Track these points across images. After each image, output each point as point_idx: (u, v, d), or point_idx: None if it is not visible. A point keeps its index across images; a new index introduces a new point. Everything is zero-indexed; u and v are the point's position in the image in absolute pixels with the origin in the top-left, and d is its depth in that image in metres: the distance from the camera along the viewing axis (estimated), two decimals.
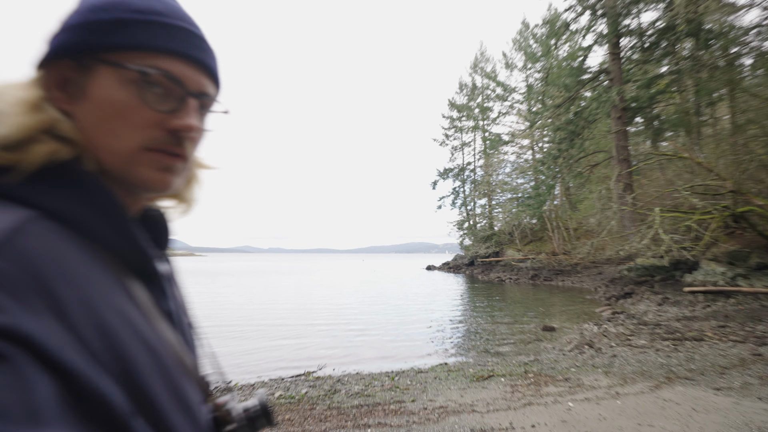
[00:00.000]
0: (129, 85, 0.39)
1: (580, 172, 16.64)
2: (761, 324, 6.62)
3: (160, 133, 0.41)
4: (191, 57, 0.42)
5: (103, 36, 0.40)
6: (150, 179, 0.41)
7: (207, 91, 0.44)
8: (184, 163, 0.43)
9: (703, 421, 2.89)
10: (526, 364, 4.90)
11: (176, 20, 0.42)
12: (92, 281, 0.35)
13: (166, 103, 0.41)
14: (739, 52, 11.25)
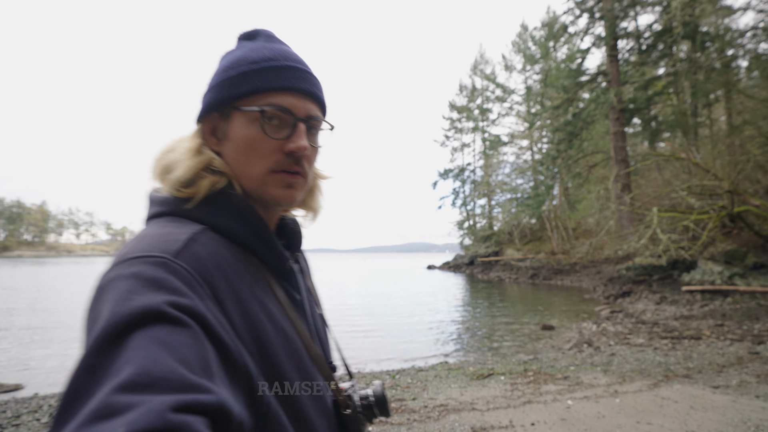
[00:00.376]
0: (254, 122, 0.51)
1: (578, 172, 16.70)
2: (758, 323, 6.67)
3: (281, 156, 0.51)
4: (296, 89, 0.52)
5: (232, 89, 0.52)
6: (278, 196, 0.52)
7: (313, 114, 0.54)
8: (304, 178, 0.54)
9: (700, 419, 2.92)
10: (526, 362, 4.94)
11: (283, 61, 0.53)
12: (241, 278, 0.46)
13: (282, 130, 0.51)
14: (735, 55, 11.33)
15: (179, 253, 0.41)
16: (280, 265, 0.53)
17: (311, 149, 0.54)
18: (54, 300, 12.88)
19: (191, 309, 0.36)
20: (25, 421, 3.41)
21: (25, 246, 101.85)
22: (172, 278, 0.38)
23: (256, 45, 0.55)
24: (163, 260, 0.39)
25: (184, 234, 0.44)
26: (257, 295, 0.47)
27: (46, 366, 5.59)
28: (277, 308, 0.50)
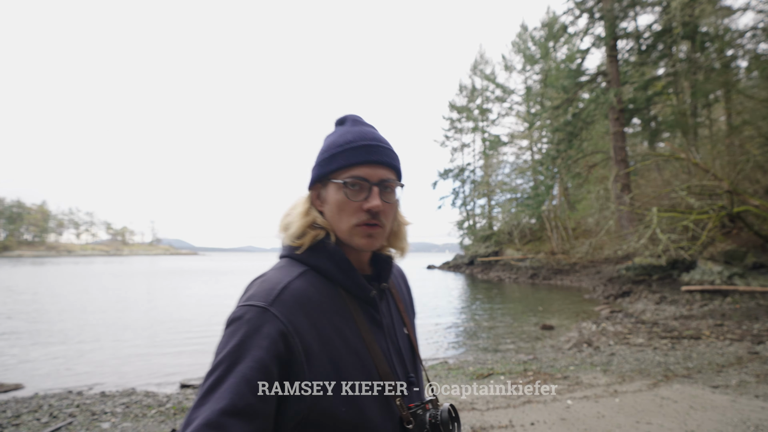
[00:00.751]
0: (340, 190, 0.69)
1: (578, 172, 16.70)
2: (758, 322, 6.68)
3: (362, 213, 0.68)
4: (370, 161, 0.69)
5: (326, 167, 0.71)
6: (361, 243, 0.69)
7: (385, 178, 0.70)
8: (382, 228, 0.70)
9: (700, 419, 2.93)
10: (526, 362, 4.94)
11: (360, 142, 0.71)
12: (322, 311, 0.64)
13: (361, 194, 0.68)
14: (735, 55, 11.34)
15: (273, 302, 0.60)
16: (363, 295, 0.70)
17: (387, 205, 0.70)
18: (53, 300, 12.87)
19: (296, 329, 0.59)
20: (25, 421, 3.41)
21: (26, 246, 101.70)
22: (266, 326, 0.58)
23: (344, 129, 0.74)
24: (263, 308, 0.59)
25: (283, 281, 0.64)
26: (335, 322, 0.65)
27: (46, 366, 5.58)
28: (354, 332, 0.67)
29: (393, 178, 0.71)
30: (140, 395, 4.19)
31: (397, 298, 0.81)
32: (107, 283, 20.06)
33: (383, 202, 0.69)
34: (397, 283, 0.85)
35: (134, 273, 29.40)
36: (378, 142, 0.71)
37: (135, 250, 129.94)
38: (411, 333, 0.80)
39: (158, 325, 8.66)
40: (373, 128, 0.76)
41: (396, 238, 0.79)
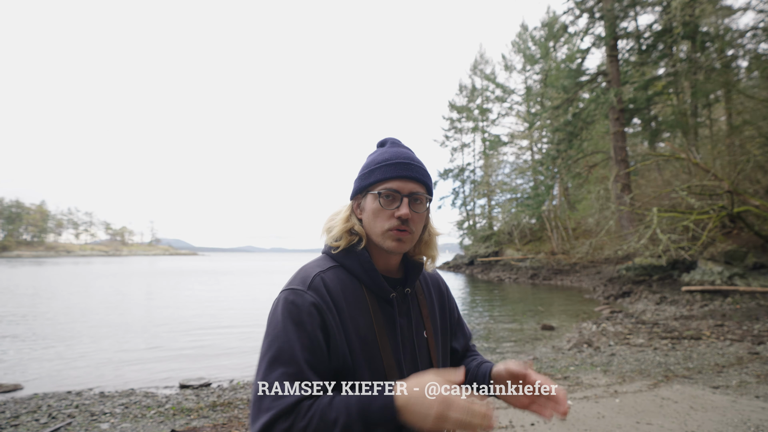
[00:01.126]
0: (376, 200, 0.81)
1: (578, 172, 16.70)
2: (758, 323, 6.67)
3: (393, 220, 0.79)
4: (403, 176, 0.80)
5: (365, 180, 0.84)
6: (391, 246, 0.80)
7: (415, 191, 0.81)
8: (410, 234, 0.80)
9: (700, 419, 2.92)
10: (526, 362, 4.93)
11: (395, 160, 0.82)
12: (345, 299, 0.77)
13: (393, 204, 0.80)
14: (735, 55, 11.33)
15: (309, 286, 0.75)
16: (382, 294, 0.80)
17: (415, 215, 0.80)
18: (52, 301, 12.87)
19: (321, 307, 0.73)
20: (24, 422, 3.40)
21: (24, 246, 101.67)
22: (301, 303, 0.73)
23: (383, 150, 0.86)
24: (300, 291, 0.74)
25: (316, 271, 0.79)
26: (352, 311, 0.76)
27: (45, 367, 5.57)
28: (368, 323, 0.77)
29: (422, 192, 0.82)
30: (139, 396, 4.18)
31: (422, 303, 0.89)
32: (106, 283, 20.04)
33: (412, 211, 0.80)
34: (427, 290, 0.92)
35: (133, 273, 29.39)
36: (411, 161, 0.83)
37: (134, 251, 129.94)
38: (431, 338, 0.86)
39: (157, 325, 8.65)
40: (409, 150, 0.88)
41: (426, 246, 0.89)
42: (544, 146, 25.17)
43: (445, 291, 0.98)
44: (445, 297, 0.97)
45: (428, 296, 0.92)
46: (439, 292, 0.96)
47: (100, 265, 41.88)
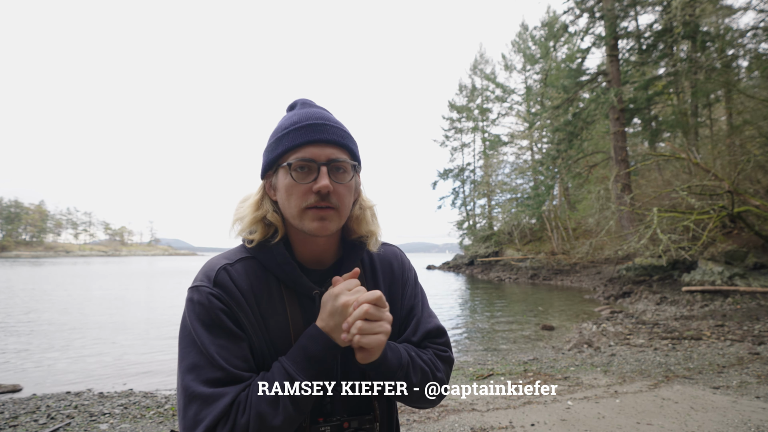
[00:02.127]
0: (288, 173, 0.66)
1: (578, 172, 16.69)
2: (758, 323, 6.67)
3: (311, 195, 0.65)
4: (316, 140, 0.66)
5: (273, 152, 0.69)
6: (311, 228, 0.66)
7: (334, 157, 0.66)
8: (335, 210, 0.66)
9: (701, 420, 2.91)
10: (526, 363, 4.93)
11: (305, 122, 0.67)
12: (259, 297, 0.67)
13: (310, 176, 0.65)
14: (736, 54, 11.33)
15: (214, 282, 0.65)
16: (297, 288, 0.69)
17: (339, 186, 0.66)
18: (52, 301, 12.86)
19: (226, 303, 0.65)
20: (23, 422, 3.39)
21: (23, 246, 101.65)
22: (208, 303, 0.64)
23: (292, 113, 0.71)
24: (204, 289, 0.65)
25: (222, 263, 0.68)
26: (263, 310, 0.67)
27: (44, 367, 5.57)
28: (281, 324, 0.67)
29: (344, 158, 0.67)
30: (138, 396, 4.18)
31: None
32: (106, 283, 20.04)
33: (334, 182, 0.65)
34: (372, 277, 0.76)
35: (133, 273, 29.39)
36: (325, 121, 0.68)
37: (133, 251, 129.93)
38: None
39: (157, 326, 8.64)
40: (324, 109, 0.72)
41: (359, 223, 0.74)
42: (545, 146, 25.17)
43: (399, 273, 0.79)
44: (398, 282, 0.79)
45: (371, 283, 0.76)
46: (390, 277, 0.78)
47: (99, 266, 41.88)
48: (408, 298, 0.79)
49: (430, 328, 0.79)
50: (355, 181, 0.71)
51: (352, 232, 0.75)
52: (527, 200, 23.55)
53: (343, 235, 0.76)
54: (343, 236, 0.76)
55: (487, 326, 8.17)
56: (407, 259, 0.84)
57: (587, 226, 17.49)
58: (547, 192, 20.62)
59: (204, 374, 0.59)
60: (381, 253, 0.80)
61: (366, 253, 0.78)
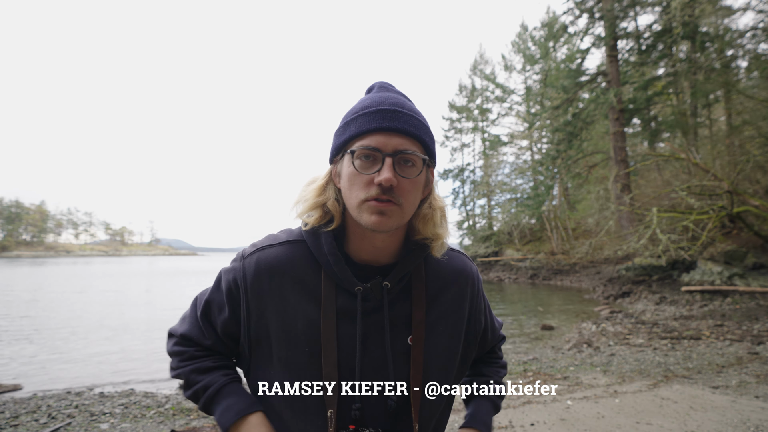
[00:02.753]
0: (352, 161, 0.61)
1: (578, 172, 16.70)
2: (758, 323, 6.68)
3: (373, 187, 0.60)
4: (385, 128, 0.60)
5: (341, 137, 0.65)
6: (369, 221, 0.60)
7: (402, 148, 0.60)
8: (396, 205, 0.61)
9: (700, 419, 2.92)
10: (525, 362, 4.93)
11: (376, 107, 0.62)
12: (293, 282, 0.65)
13: (374, 166, 0.60)
14: (735, 55, 11.34)
15: (245, 257, 0.68)
16: (345, 285, 0.65)
17: (404, 180, 0.60)
18: (52, 301, 12.85)
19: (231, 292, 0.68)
20: (23, 422, 3.40)
21: (24, 246, 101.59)
22: (229, 277, 0.68)
23: (367, 96, 0.67)
24: (231, 269, 0.69)
25: (263, 244, 0.69)
26: (297, 299, 0.64)
27: (45, 367, 5.57)
28: (312, 317, 0.64)
29: (414, 150, 0.61)
30: (139, 396, 4.18)
31: (417, 301, 0.67)
32: (106, 283, 20.03)
33: (399, 176, 0.59)
34: (433, 285, 0.69)
35: (133, 273, 29.37)
36: (398, 107, 0.62)
37: (134, 251, 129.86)
38: (418, 347, 0.65)
39: (157, 325, 8.65)
40: (402, 95, 0.67)
41: (426, 223, 0.66)
42: (544, 146, 25.17)
43: (468, 291, 0.73)
44: (466, 299, 0.72)
45: (432, 294, 0.69)
46: (458, 292, 0.71)
47: (99, 266, 41.85)
48: (479, 318, 0.76)
49: (499, 336, 0.86)
50: (426, 177, 0.66)
51: (417, 232, 0.68)
52: (527, 200, 23.55)
53: (407, 236, 0.69)
54: (407, 237, 0.69)
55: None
56: (475, 267, 0.78)
57: (587, 226, 17.50)
58: (547, 192, 20.64)
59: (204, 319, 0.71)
60: (447, 260, 0.72)
61: (431, 259, 0.71)
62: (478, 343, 0.77)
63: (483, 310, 0.77)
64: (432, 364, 0.67)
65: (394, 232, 0.65)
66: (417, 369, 0.65)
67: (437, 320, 0.68)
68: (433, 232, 0.67)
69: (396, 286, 0.66)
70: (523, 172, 27.07)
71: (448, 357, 0.69)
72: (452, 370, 0.71)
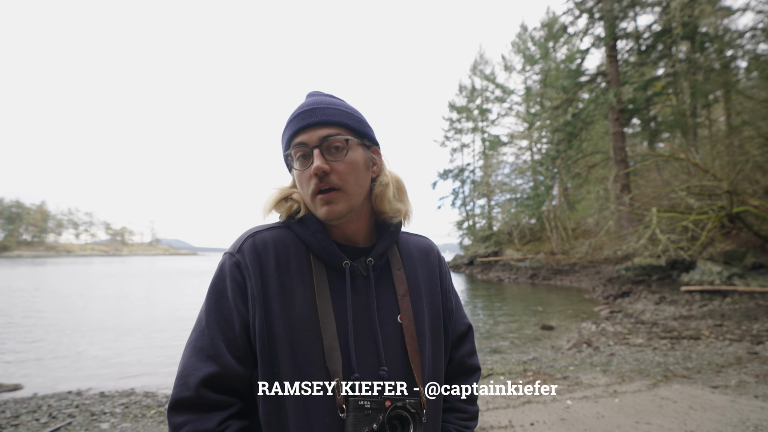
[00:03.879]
0: (293, 162, 0.67)
1: (578, 172, 16.71)
2: (757, 323, 6.68)
3: (313, 179, 0.64)
4: (307, 125, 0.65)
5: (283, 145, 0.70)
6: (321, 214, 0.65)
7: (326, 134, 0.65)
8: (340, 191, 0.64)
9: (700, 419, 2.93)
10: (525, 362, 4.94)
11: (299, 110, 0.67)
12: (283, 264, 0.65)
13: (308, 160, 0.65)
14: (734, 55, 11.35)
15: (238, 249, 0.66)
16: (333, 263, 0.66)
17: (336, 164, 0.64)
18: (53, 301, 12.85)
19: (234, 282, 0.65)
20: (24, 421, 3.40)
21: (25, 246, 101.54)
22: (227, 267, 0.66)
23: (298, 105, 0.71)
24: (230, 254, 0.67)
25: (253, 231, 0.69)
26: (289, 280, 0.65)
27: (46, 366, 5.57)
28: (307, 296, 0.64)
29: (338, 133, 0.64)
30: (139, 395, 4.19)
31: (398, 277, 0.70)
32: (106, 283, 20.03)
33: (330, 161, 0.63)
34: (409, 262, 0.73)
35: (134, 274, 29.36)
36: (315, 105, 0.66)
37: (134, 251, 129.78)
38: (408, 324, 0.68)
39: (158, 325, 8.65)
40: (324, 95, 0.71)
41: (381, 201, 0.69)
42: (544, 146, 25.18)
43: (436, 265, 0.77)
44: (437, 273, 0.77)
45: (410, 270, 0.72)
46: (428, 266, 0.75)
47: (100, 266, 41.83)
48: (448, 291, 0.79)
49: (463, 330, 0.82)
50: (362, 156, 0.67)
51: (379, 212, 0.71)
52: (527, 200, 23.56)
53: (376, 215, 0.72)
54: (375, 221, 0.73)
55: (487, 326, 8.18)
56: (437, 249, 0.82)
57: (586, 226, 17.51)
58: (547, 192, 20.64)
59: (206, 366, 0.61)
60: (420, 241, 0.79)
61: (403, 237, 0.76)
62: (451, 324, 0.79)
63: (451, 289, 0.81)
64: (425, 341, 0.70)
65: (357, 216, 0.69)
66: (412, 346, 0.67)
67: (416, 297, 0.72)
68: (390, 208, 0.70)
69: (378, 263, 0.69)
70: (522, 173, 27.07)
71: (435, 333, 0.73)
72: (440, 348, 0.74)
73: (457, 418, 0.78)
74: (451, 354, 0.82)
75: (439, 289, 0.76)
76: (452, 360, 0.81)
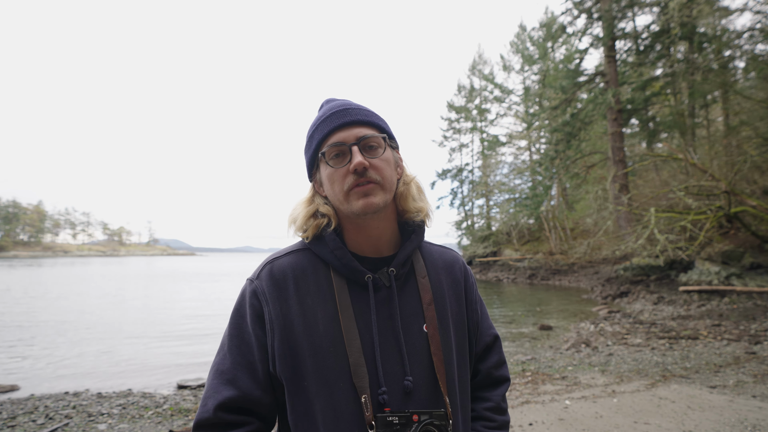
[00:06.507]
0: (326, 163, 0.68)
1: (576, 173, 16.73)
2: (755, 323, 6.71)
3: (350, 176, 0.66)
4: (342, 124, 0.68)
5: (309, 150, 0.73)
6: (358, 206, 0.66)
7: (363, 134, 0.68)
8: (376, 184, 0.66)
9: (698, 419, 2.93)
10: (524, 362, 4.94)
11: (328, 113, 0.70)
12: (303, 286, 0.68)
13: (344, 159, 0.67)
14: (732, 56, 11.39)
15: (258, 275, 0.70)
16: (354, 278, 0.68)
17: (375, 161, 0.67)
18: (50, 302, 12.80)
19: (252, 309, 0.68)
20: (20, 422, 3.38)
21: (21, 246, 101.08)
22: (247, 294, 0.69)
23: (320, 111, 0.74)
24: (250, 281, 0.70)
25: (272, 257, 0.72)
26: (311, 300, 0.67)
27: (42, 367, 5.54)
28: (330, 313, 0.66)
29: (374, 133, 0.68)
30: (137, 396, 4.17)
31: (423, 286, 0.71)
32: (104, 284, 19.96)
33: (368, 158, 0.66)
34: (433, 271, 0.74)
35: (131, 275, 29.26)
36: (346, 106, 0.70)
37: (132, 251, 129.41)
38: (433, 333, 0.68)
39: (155, 326, 8.62)
40: (346, 100, 0.75)
41: (405, 199, 0.72)
42: (543, 146, 25.21)
43: (461, 275, 0.78)
44: (461, 284, 0.77)
45: (434, 278, 0.74)
46: (452, 276, 0.76)
47: (97, 266, 41.66)
48: (475, 302, 0.79)
49: (489, 340, 0.82)
50: (393, 155, 0.72)
51: (403, 211, 0.73)
52: (525, 200, 23.58)
53: (399, 219, 0.74)
54: (398, 222, 0.74)
55: None
56: (464, 260, 0.83)
57: (585, 226, 17.54)
58: (545, 192, 20.67)
59: (225, 390, 0.65)
60: (444, 251, 0.80)
61: (427, 247, 0.78)
62: (476, 336, 0.80)
63: (477, 301, 0.81)
64: (451, 351, 0.71)
65: (384, 215, 0.70)
66: (438, 356, 0.68)
67: (441, 306, 0.73)
68: (414, 206, 0.73)
69: (401, 271, 0.71)
70: (521, 173, 27.10)
71: (460, 344, 0.74)
72: (465, 359, 0.75)
73: (485, 426, 0.77)
74: (478, 366, 0.82)
75: (464, 300, 0.77)
76: (479, 372, 0.81)
